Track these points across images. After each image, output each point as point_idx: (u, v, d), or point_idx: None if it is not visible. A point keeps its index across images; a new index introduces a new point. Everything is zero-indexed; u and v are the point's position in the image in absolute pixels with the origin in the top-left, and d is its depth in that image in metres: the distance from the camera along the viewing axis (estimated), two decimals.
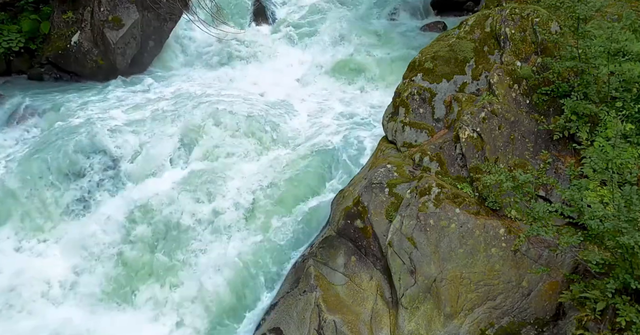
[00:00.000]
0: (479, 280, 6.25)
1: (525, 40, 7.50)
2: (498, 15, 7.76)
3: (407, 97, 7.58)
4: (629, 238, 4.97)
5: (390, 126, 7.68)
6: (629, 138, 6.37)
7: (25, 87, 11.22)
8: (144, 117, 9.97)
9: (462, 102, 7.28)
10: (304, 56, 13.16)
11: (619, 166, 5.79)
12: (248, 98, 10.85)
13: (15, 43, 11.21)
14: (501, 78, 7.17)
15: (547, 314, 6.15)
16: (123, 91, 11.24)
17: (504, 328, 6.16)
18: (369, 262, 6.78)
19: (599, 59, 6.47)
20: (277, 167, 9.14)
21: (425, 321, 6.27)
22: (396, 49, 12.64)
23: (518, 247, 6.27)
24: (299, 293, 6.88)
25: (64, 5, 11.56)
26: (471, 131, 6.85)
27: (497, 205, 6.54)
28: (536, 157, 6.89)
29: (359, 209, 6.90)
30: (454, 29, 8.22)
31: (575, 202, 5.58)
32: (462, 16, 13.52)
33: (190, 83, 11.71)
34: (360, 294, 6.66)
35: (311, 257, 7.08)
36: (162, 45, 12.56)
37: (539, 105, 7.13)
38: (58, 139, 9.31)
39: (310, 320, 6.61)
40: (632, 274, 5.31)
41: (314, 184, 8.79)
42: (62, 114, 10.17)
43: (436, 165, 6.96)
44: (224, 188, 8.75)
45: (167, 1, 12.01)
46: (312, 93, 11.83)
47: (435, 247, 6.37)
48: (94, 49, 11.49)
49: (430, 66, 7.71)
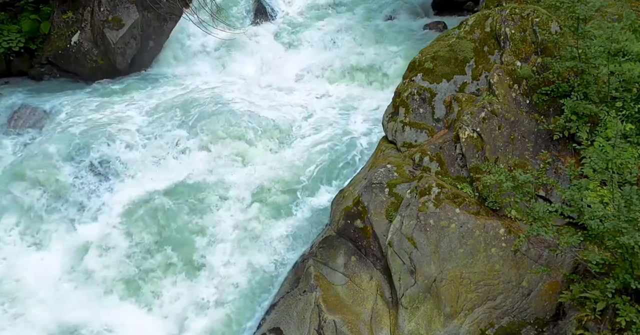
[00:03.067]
0: (479, 280, 6.25)
1: (525, 40, 7.50)
2: (498, 15, 7.76)
3: (407, 97, 7.58)
4: (629, 238, 4.97)
5: (390, 126, 7.68)
6: (629, 138, 6.37)
7: (25, 87, 11.21)
8: (145, 117, 9.97)
9: (462, 102, 7.28)
10: (304, 56, 13.14)
11: (619, 166, 5.79)
12: (248, 97, 10.85)
13: (15, 43, 11.20)
14: (501, 78, 7.17)
15: (547, 314, 6.15)
16: (123, 91, 11.24)
17: (504, 328, 6.16)
18: (369, 262, 6.78)
19: (599, 59, 6.47)
20: (277, 166, 9.14)
21: (425, 321, 6.27)
22: (396, 48, 12.63)
23: (518, 247, 6.28)
24: (299, 293, 6.88)
25: (64, 5, 11.55)
26: (471, 131, 6.85)
27: (497, 205, 6.54)
28: (536, 157, 6.89)
29: (359, 209, 6.90)
30: (454, 29, 8.22)
31: (575, 202, 5.58)
32: (462, 16, 13.51)
33: (190, 83, 11.71)
34: (360, 294, 6.66)
35: (311, 257, 7.08)
36: (162, 45, 12.55)
37: (539, 105, 7.13)
38: (58, 138, 9.31)
39: (310, 320, 6.61)
40: (632, 274, 5.31)
41: (313, 184, 8.79)
42: (62, 114, 10.16)
43: (436, 165, 6.96)
44: (224, 188, 8.75)
45: (167, 1, 12.01)
46: (312, 92, 11.82)
47: (435, 247, 6.37)
48: (94, 49, 11.49)
49: (430, 66, 7.71)
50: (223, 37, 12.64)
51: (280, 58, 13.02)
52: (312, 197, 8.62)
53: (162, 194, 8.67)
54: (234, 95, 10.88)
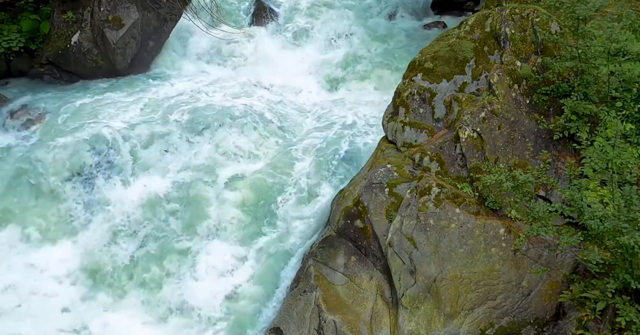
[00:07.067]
0: (479, 280, 6.25)
1: (525, 40, 7.50)
2: (498, 15, 7.76)
3: (407, 97, 7.58)
4: (629, 238, 4.97)
5: (390, 126, 7.68)
6: (629, 138, 6.37)
7: (25, 87, 11.20)
8: (145, 117, 9.97)
9: (462, 102, 7.28)
10: (304, 55, 13.14)
11: (619, 166, 5.80)
12: (248, 97, 10.86)
13: (15, 43, 11.18)
14: (501, 78, 7.17)
15: (547, 314, 6.15)
16: (123, 91, 11.22)
17: (504, 328, 6.16)
18: (369, 262, 6.78)
19: (599, 59, 6.47)
20: (277, 166, 9.15)
21: (425, 321, 6.27)
22: (396, 48, 12.64)
23: (518, 247, 6.28)
24: (299, 293, 6.88)
25: (64, 5, 11.54)
26: (471, 131, 6.85)
27: (497, 205, 6.54)
28: (536, 157, 6.89)
29: (359, 209, 6.90)
30: (454, 29, 8.22)
31: (575, 202, 5.59)
32: (462, 16, 13.52)
33: (190, 82, 11.69)
34: (360, 294, 6.66)
35: (311, 257, 7.08)
36: (162, 45, 12.54)
37: (539, 105, 7.13)
38: (58, 138, 9.31)
39: (310, 320, 6.61)
40: (632, 274, 5.32)
41: (313, 184, 8.79)
42: (62, 114, 10.15)
43: (436, 165, 6.96)
44: (223, 188, 8.76)
45: (167, 1, 12.00)
46: (311, 92, 11.83)
47: (435, 247, 6.37)
48: (94, 49, 11.47)
49: (430, 66, 7.71)
50: (223, 37, 12.64)
51: (280, 57, 13.02)
52: (311, 197, 8.62)
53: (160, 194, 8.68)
54: (234, 95, 10.88)
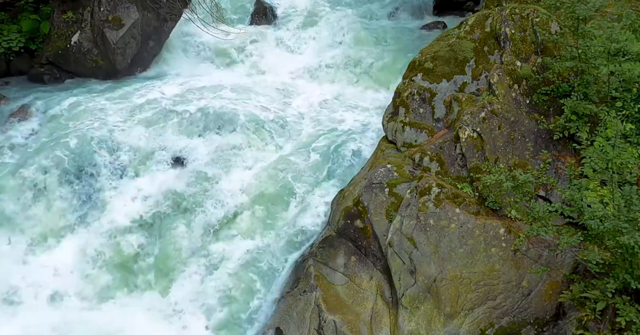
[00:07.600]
0: (479, 280, 6.25)
1: (525, 40, 7.50)
2: (498, 15, 7.76)
3: (407, 97, 7.58)
4: (629, 238, 4.97)
5: (390, 126, 7.68)
6: (629, 138, 6.38)
7: (25, 88, 11.19)
8: (145, 117, 9.96)
9: (462, 102, 7.28)
10: (304, 55, 13.12)
11: (619, 166, 5.80)
12: (248, 97, 10.84)
13: (15, 43, 11.18)
14: (501, 78, 7.17)
15: (547, 314, 6.15)
16: (123, 91, 11.22)
17: (504, 328, 6.16)
18: (369, 262, 6.78)
19: (599, 59, 6.47)
20: (277, 165, 9.14)
21: (425, 321, 6.27)
22: (396, 48, 12.63)
23: (518, 247, 6.28)
24: (299, 293, 6.88)
25: (64, 5, 11.53)
26: (471, 131, 6.85)
27: (497, 205, 6.54)
28: (536, 157, 6.89)
29: (359, 209, 6.90)
30: (454, 29, 8.22)
31: (575, 202, 5.59)
32: (462, 16, 13.51)
33: (190, 82, 11.67)
34: (360, 294, 6.66)
35: (311, 257, 7.08)
36: (162, 45, 12.53)
37: (539, 105, 7.13)
38: (58, 139, 9.31)
39: (310, 320, 6.61)
40: (632, 274, 5.32)
41: (313, 183, 8.78)
42: (62, 114, 10.15)
43: (436, 165, 6.96)
44: (222, 188, 8.76)
45: (167, 1, 12.00)
46: (312, 92, 11.81)
47: (435, 247, 6.37)
48: (94, 49, 11.47)
49: (430, 66, 7.71)
50: (223, 37, 12.64)
51: (280, 57, 13.01)
52: (310, 197, 8.61)
53: (159, 194, 8.69)
54: (234, 95, 10.87)
